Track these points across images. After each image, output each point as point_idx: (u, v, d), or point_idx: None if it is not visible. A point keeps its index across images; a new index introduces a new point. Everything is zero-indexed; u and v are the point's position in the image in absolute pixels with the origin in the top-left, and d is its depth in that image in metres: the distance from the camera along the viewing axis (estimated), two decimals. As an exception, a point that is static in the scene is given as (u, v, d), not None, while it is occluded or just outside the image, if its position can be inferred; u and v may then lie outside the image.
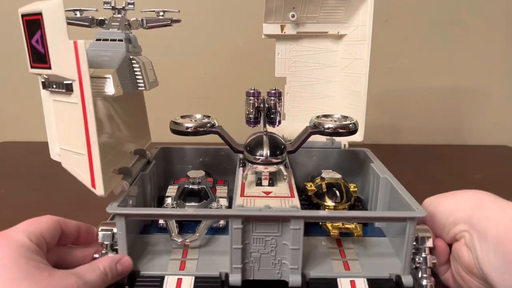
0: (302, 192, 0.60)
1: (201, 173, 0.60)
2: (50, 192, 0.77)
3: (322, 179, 0.58)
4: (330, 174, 0.58)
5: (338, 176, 0.58)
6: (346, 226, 0.52)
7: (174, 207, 0.56)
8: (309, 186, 0.58)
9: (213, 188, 0.60)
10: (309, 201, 0.59)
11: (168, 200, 0.58)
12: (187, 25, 0.57)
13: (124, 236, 0.45)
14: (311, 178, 0.61)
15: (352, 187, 0.59)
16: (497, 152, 1.12)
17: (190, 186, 0.58)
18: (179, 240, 0.50)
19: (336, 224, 0.52)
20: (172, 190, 0.61)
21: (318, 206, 0.57)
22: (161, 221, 0.54)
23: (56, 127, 0.45)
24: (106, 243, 0.46)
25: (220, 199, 0.58)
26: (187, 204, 0.56)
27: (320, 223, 0.54)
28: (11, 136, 1.16)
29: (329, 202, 0.56)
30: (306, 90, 0.72)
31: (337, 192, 0.56)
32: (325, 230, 0.53)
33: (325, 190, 0.57)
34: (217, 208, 0.55)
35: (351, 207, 0.57)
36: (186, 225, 0.55)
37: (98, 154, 0.42)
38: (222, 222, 0.55)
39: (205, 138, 0.56)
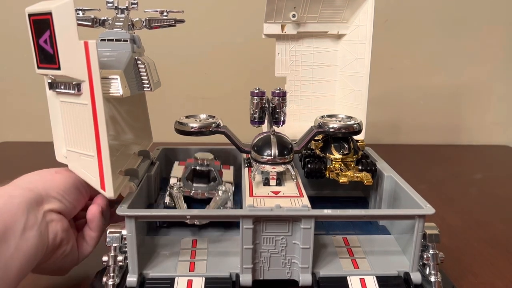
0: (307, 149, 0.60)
1: (210, 155, 0.59)
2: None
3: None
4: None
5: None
6: (356, 175, 0.53)
7: (181, 187, 0.55)
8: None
9: (219, 171, 0.59)
10: (314, 156, 0.59)
11: (174, 180, 0.57)
12: (186, 25, 0.57)
13: (134, 238, 0.45)
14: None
15: (360, 141, 0.59)
16: (497, 152, 1.14)
17: (199, 168, 0.57)
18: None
19: (345, 173, 0.53)
20: (177, 171, 0.60)
21: (324, 161, 0.57)
22: (167, 200, 0.54)
23: (63, 128, 0.44)
24: (114, 245, 0.46)
25: (226, 183, 0.58)
26: (194, 185, 0.56)
27: (328, 173, 0.55)
28: (11, 136, 1.15)
29: (337, 155, 0.56)
30: (306, 90, 0.72)
31: (345, 144, 0.56)
32: (333, 179, 0.54)
33: (331, 142, 0.57)
34: (225, 191, 0.55)
35: (358, 161, 0.57)
36: (195, 205, 0.55)
37: (108, 156, 0.42)
38: (229, 205, 0.54)
39: (206, 138, 0.56)
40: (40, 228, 0.41)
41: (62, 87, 0.42)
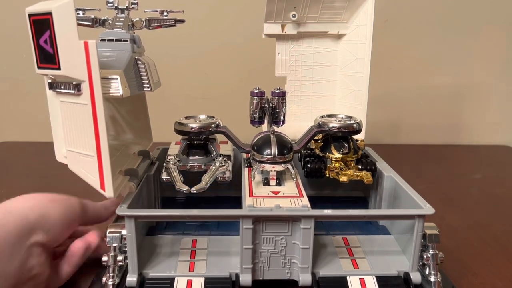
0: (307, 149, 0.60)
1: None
2: (49, 192, 0.75)
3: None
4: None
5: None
6: (356, 173, 0.53)
7: (178, 160, 0.55)
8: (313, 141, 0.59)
9: (216, 145, 0.58)
10: (314, 156, 0.59)
11: (170, 156, 0.56)
12: (186, 25, 0.57)
13: (133, 238, 0.45)
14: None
15: (360, 140, 0.60)
16: (497, 152, 1.14)
17: (195, 142, 0.57)
18: (184, 188, 0.49)
19: (346, 172, 0.53)
20: (174, 150, 0.59)
21: (324, 160, 0.57)
22: (164, 176, 0.53)
23: (63, 128, 0.44)
24: (114, 245, 0.46)
25: (224, 156, 0.57)
26: (190, 158, 0.55)
27: (328, 172, 0.55)
28: (11, 136, 1.15)
29: (336, 154, 0.56)
30: (306, 90, 0.72)
31: (345, 144, 0.56)
32: (333, 178, 0.54)
33: (331, 142, 0.57)
34: (224, 161, 0.54)
35: (358, 160, 0.57)
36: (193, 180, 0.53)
37: (108, 156, 0.42)
38: (227, 175, 0.54)
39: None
40: (21, 259, 0.41)
41: (62, 87, 0.42)
